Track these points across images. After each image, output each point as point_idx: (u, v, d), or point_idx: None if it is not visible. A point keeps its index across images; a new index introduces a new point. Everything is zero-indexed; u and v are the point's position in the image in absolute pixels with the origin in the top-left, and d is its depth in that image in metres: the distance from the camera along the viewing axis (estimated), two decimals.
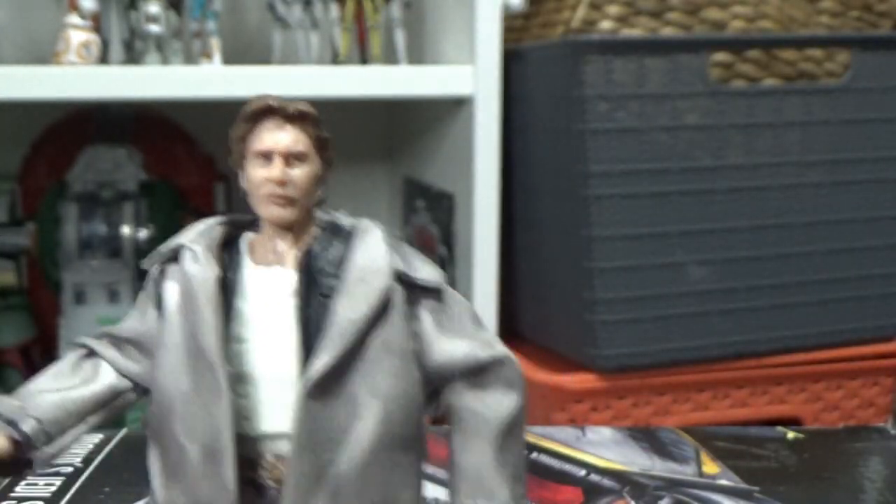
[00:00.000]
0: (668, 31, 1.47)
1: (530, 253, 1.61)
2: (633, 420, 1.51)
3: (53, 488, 0.95)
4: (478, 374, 0.67)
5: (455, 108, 1.56)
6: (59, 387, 0.69)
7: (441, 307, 0.67)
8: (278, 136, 0.66)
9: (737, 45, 1.48)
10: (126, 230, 1.54)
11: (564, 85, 1.45)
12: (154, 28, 1.43)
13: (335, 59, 1.53)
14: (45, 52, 1.41)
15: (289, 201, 0.66)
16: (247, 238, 0.68)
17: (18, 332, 1.62)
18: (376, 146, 1.99)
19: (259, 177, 0.66)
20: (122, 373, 0.70)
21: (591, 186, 1.44)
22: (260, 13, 1.67)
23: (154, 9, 1.43)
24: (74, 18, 1.38)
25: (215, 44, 1.45)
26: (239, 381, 0.65)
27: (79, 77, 1.36)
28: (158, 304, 0.68)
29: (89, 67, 1.38)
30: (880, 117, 1.54)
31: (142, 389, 0.70)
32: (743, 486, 0.97)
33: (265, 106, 0.66)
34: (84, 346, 0.71)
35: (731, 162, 1.48)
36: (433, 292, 0.67)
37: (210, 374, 0.63)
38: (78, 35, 1.37)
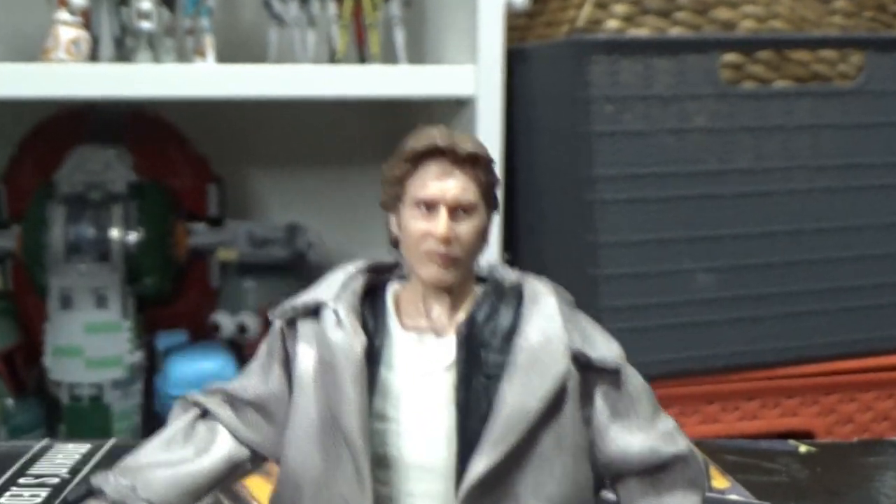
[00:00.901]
0: (676, 31, 1.47)
1: (533, 259, 1.61)
2: None
3: (39, 500, 0.94)
4: (656, 472, 0.63)
5: (456, 108, 1.57)
6: (171, 459, 0.64)
7: (617, 391, 0.63)
8: (446, 185, 0.62)
9: (747, 46, 1.48)
10: (115, 233, 1.54)
11: (569, 86, 1.45)
12: (146, 25, 1.42)
13: (332, 58, 1.53)
14: (33, 49, 1.39)
15: (452, 261, 0.62)
16: (392, 291, 0.65)
17: (2, 337, 1.61)
18: (375, 148, 1.92)
19: (419, 230, 0.62)
20: (240, 440, 0.66)
21: (596, 191, 1.44)
22: (255, 10, 1.65)
23: (146, 5, 1.42)
24: (64, 14, 1.38)
25: (209, 41, 1.45)
26: (380, 464, 0.61)
27: (68, 75, 1.36)
28: (285, 364, 0.65)
29: (79, 65, 1.37)
30: (895, 121, 1.54)
31: (261, 458, 0.66)
32: (753, 501, 0.96)
33: (432, 146, 0.62)
34: (196, 404, 0.67)
35: (740, 166, 1.48)
36: (611, 373, 0.63)
37: (350, 459, 0.60)
38: (67, 32, 1.37)
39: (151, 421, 1.55)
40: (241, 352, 1.61)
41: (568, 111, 1.46)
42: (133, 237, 1.55)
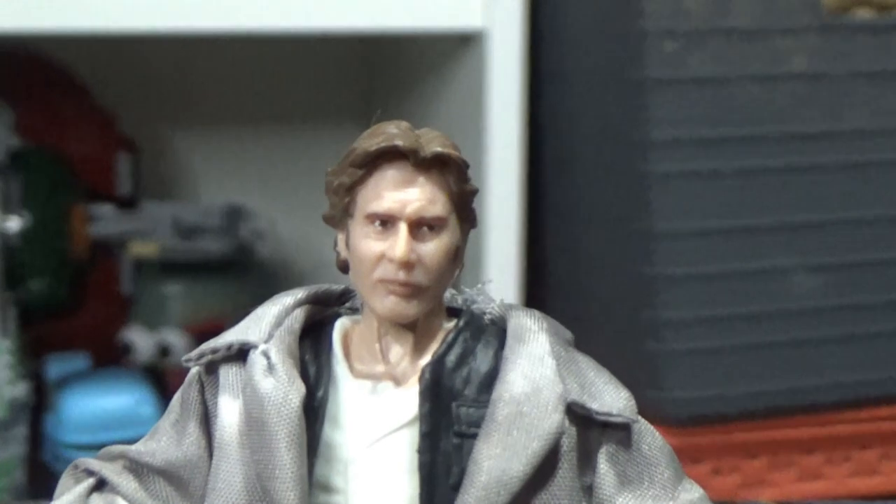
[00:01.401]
0: None
1: (566, 253, 1.60)
2: (715, 493, 1.44)
3: None
4: None
5: (460, 47, 1.56)
6: None
7: (627, 451, 0.66)
8: (406, 195, 0.64)
9: None
10: None
11: (616, 16, 1.45)
12: None
13: None
14: None
15: (415, 291, 0.64)
16: (340, 329, 0.68)
17: None
18: (349, 101, 1.97)
19: (372, 252, 0.65)
20: None
21: (652, 159, 1.42)
22: None
23: None
24: None
25: None
26: None
27: None
28: (204, 421, 0.68)
29: None
30: None
31: None
32: None
33: (388, 147, 0.65)
34: (90, 472, 0.70)
35: (851, 125, 1.46)
36: (618, 429, 0.66)
37: None
38: None
39: (39, 477, 1.52)
40: (163, 383, 1.61)
41: (614, 51, 1.46)
42: (14, 224, 1.55)
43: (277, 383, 0.64)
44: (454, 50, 1.56)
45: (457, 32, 1.51)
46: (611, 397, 0.65)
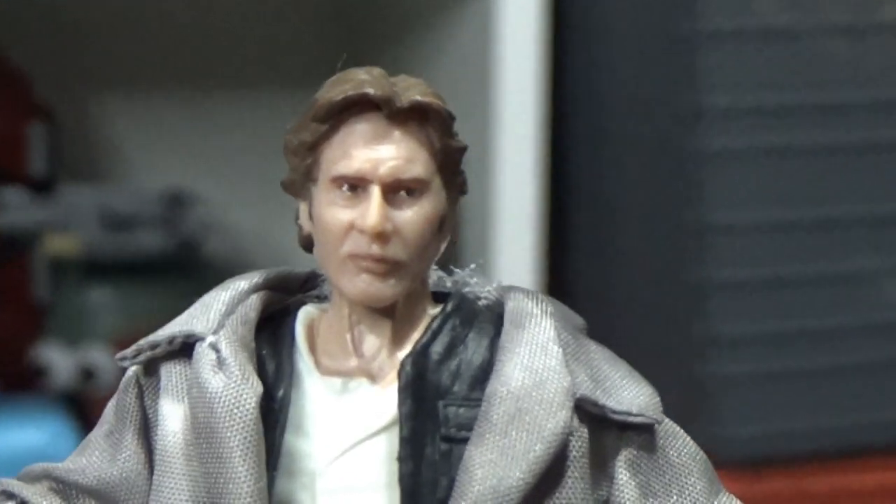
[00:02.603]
0: None
1: (595, 252, 1.61)
2: None
3: None
4: None
5: None
6: None
7: (650, 455, 0.68)
8: (379, 153, 0.66)
9: None
10: None
11: None
12: None
13: None
14: None
15: (391, 268, 0.66)
16: (305, 318, 0.69)
17: None
18: (319, 59, 1.81)
19: (340, 222, 0.66)
20: None
21: (704, 133, 1.43)
22: None
23: None
24: None
25: None
26: None
27: None
28: (143, 429, 0.69)
29: None
30: None
31: None
32: None
33: (357, 95, 0.66)
34: (9, 495, 0.71)
35: None
36: (640, 430, 0.67)
37: None
38: None
39: None
40: (86, 412, 1.59)
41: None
42: None
43: (229, 381, 0.65)
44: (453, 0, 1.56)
45: None
46: (630, 393, 0.67)
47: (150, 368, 0.69)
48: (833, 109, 1.44)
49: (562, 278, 1.62)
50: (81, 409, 1.59)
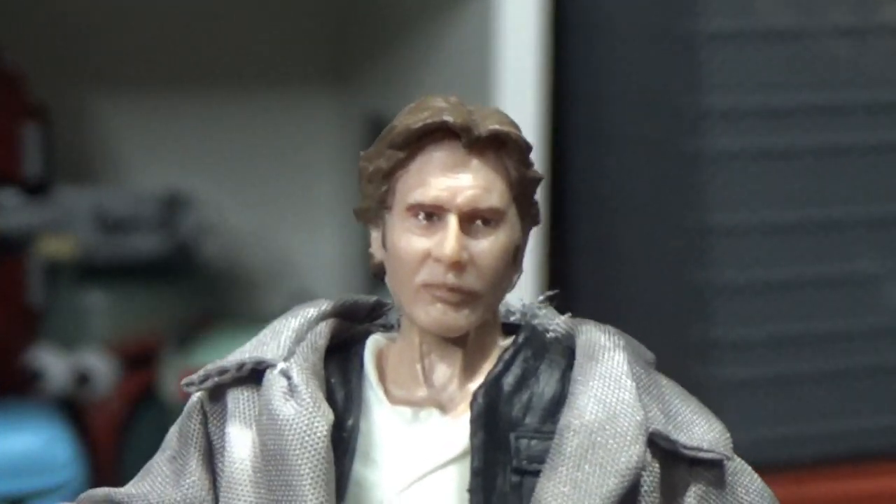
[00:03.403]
0: None
1: (596, 253, 1.61)
2: None
3: None
4: None
5: None
6: None
7: (719, 491, 0.69)
8: (457, 181, 0.67)
9: None
10: None
11: None
12: None
13: None
14: None
15: (466, 298, 0.67)
16: (374, 346, 0.71)
17: None
18: (317, 59, 1.97)
19: (416, 250, 0.67)
20: None
21: (706, 134, 1.43)
22: None
23: None
24: None
25: None
26: None
27: None
28: (208, 456, 0.71)
29: None
30: None
31: None
32: None
33: (436, 123, 0.67)
34: None
35: None
36: (710, 466, 0.68)
37: None
38: None
39: None
40: (81, 418, 1.60)
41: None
42: None
43: (301, 408, 0.66)
44: None
45: None
46: (701, 429, 0.68)
47: (216, 394, 0.70)
48: (835, 110, 1.44)
49: (562, 280, 1.59)
50: (76, 414, 1.58)
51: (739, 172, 1.43)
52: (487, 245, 0.66)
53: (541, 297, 0.71)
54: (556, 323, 0.70)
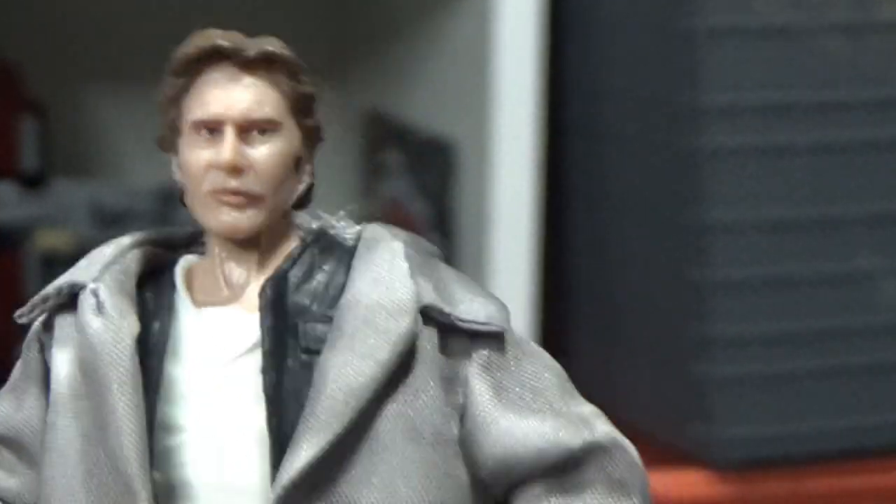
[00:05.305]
0: None
1: (593, 250, 1.62)
2: None
3: None
4: (567, 471, 0.72)
5: None
6: None
7: (503, 363, 0.72)
8: (231, 96, 0.72)
9: None
10: None
11: None
12: None
13: None
14: None
15: (248, 199, 0.72)
16: (184, 265, 0.75)
17: None
18: (314, 54, 1.93)
19: (200, 163, 0.71)
20: None
21: (703, 131, 1.43)
22: None
23: None
24: None
25: None
26: (170, 495, 0.71)
27: None
28: (45, 379, 0.75)
29: None
30: None
31: None
32: None
33: (210, 46, 0.72)
34: None
35: None
36: (489, 339, 0.72)
37: (125, 493, 0.69)
38: None
39: None
40: None
41: None
42: None
43: (107, 321, 0.71)
44: None
45: None
46: (477, 306, 0.72)
47: (49, 324, 0.75)
48: (833, 108, 1.44)
49: (559, 278, 1.62)
50: None
51: (737, 169, 1.43)
52: (266, 150, 0.71)
53: (341, 212, 0.75)
54: (350, 231, 0.75)
